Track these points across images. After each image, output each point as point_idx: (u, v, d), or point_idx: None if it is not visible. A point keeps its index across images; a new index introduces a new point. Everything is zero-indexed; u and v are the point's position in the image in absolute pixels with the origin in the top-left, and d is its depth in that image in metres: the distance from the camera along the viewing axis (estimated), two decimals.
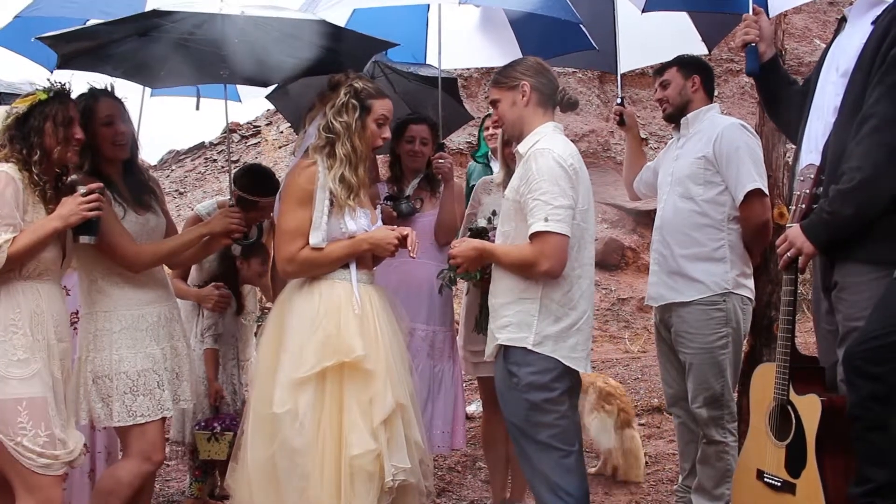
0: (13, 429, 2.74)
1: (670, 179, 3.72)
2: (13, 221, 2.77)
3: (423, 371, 3.88)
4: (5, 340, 2.77)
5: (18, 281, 2.82)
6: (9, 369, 2.76)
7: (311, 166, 3.02)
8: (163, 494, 4.49)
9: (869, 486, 2.53)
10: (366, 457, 2.88)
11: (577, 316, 3.00)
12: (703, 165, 3.59)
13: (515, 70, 3.10)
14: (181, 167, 12.83)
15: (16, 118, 2.83)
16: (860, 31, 2.80)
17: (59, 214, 2.84)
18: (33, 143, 2.83)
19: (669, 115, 3.83)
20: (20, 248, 2.76)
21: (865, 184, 2.61)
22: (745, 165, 3.53)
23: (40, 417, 2.78)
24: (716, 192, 3.58)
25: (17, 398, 2.75)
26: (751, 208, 3.55)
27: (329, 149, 3.03)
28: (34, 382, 2.79)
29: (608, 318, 8.74)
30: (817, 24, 12.78)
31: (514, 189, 3.03)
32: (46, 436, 2.78)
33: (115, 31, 3.10)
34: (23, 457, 2.74)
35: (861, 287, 2.69)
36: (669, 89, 3.78)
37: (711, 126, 3.65)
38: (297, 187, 3.02)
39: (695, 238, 3.60)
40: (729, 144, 3.55)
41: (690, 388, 3.63)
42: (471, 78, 11.29)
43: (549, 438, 2.98)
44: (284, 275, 3.11)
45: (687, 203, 3.62)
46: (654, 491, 4.48)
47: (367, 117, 3.07)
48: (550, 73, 3.14)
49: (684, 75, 3.75)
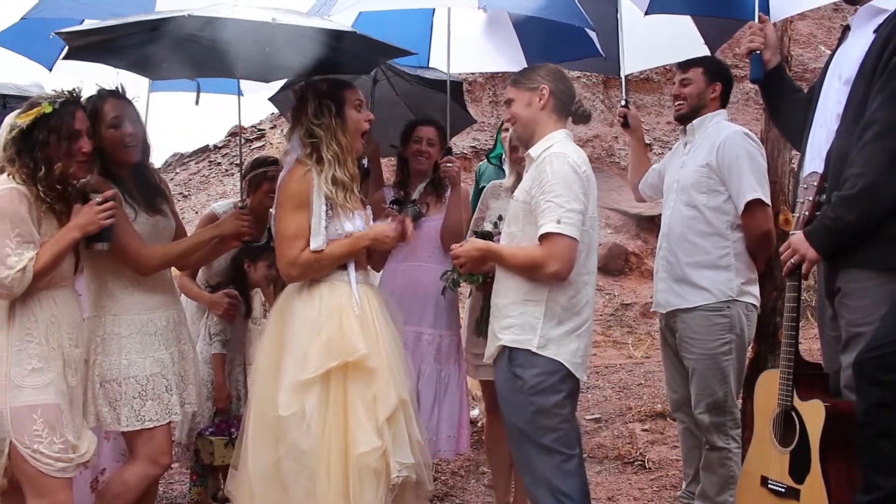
0: (29, 436, 2.75)
1: (676, 186, 3.72)
2: (32, 238, 2.78)
3: (429, 375, 3.88)
4: (21, 350, 2.78)
5: (34, 290, 2.81)
6: (24, 378, 2.77)
7: (304, 171, 3.05)
8: (166, 497, 4.49)
9: (876, 494, 2.52)
10: (372, 454, 2.90)
11: (580, 321, 3.01)
12: (707, 174, 3.60)
13: (537, 73, 3.12)
14: (185, 170, 12.85)
15: (21, 132, 2.81)
16: (863, 39, 2.82)
17: (76, 224, 2.85)
18: (38, 158, 2.80)
19: (682, 116, 3.82)
20: (43, 264, 2.78)
21: (867, 190, 2.62)
22: (746, 175, 3.53)
23: (55, 425, 2.79)
24: (720, 200, 3.59)
25: (32, 405, 2.77)
26: (752, 218, 3.56)
27: (316, 154, 3.06)
28: (49, 390, 2.81)
29: (612, 323, 8.74)
30: (822, 31, 12.78)
31: (524, 191, 3.04)
32: (61, 442, 2.80)
33: (132, 28, 3.08)
34: (41, 463, 2.76)
35: (864, 293, 2.70)
36: (690, 88, 3.76)
37: (716, 133, 3.65)
38: (293, 191, 3.04)
39: (700, 246, 3.60)
40: (731, 153, 3.55)
41: (693, 393, 3.64)
42: (475, 83, 11.31)
43: (551, 442, 2.98)
44: (288, 278, 3.12)
45: (691, 211, 3.63)
46: (657, 497, 4.48)
47: (344, 108, 3.11)
48: (570, 82, 3.17)
49: (708, 80, 3.74)
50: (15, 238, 2.74)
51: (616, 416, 5.80)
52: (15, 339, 2.78)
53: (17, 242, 2.74)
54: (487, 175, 5.11)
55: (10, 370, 2.75)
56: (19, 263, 2.73)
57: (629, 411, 5.86)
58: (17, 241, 2.74)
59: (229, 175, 12.06)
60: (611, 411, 5.92)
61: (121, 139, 3.15)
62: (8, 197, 2.76)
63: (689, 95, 3.76)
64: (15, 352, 2.77)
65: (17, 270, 2.72)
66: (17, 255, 2.73)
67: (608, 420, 5.73)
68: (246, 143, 12.50)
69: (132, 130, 3.19)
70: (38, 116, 2.81)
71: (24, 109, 2.86)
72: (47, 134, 2.81)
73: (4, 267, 2.71)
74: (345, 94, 3.14)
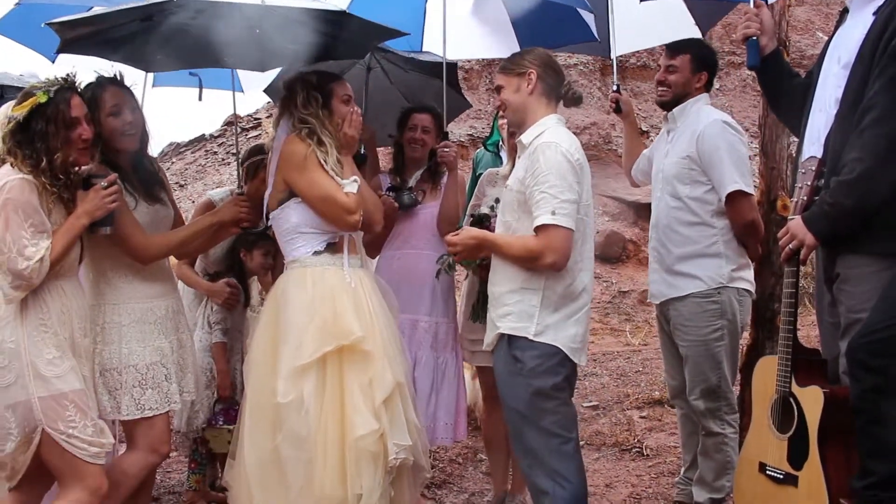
0: (63, 423, 2.76)
1: (661, 177, 3.72)
2: (45, 228, 2.78)
3: (426, 363, 3.88)
4: (38, 341, 2.78)
5: (44, 280, 2.80)
6: (46, 368, 2.77)
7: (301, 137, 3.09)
8: (164, 486, 4.49)
9: (871, 479, 2.53)
10: (370, 437, 2.91)
11: (577, 307, 3.02)
12: (688, 165, 3.59)
13: (524, 58, 3.11)
14: (182, 160, 12.81)
15: (17, 123, 2.78)
16: (861, 22, 2.79)
17: (84, 210, 2.85)
18: (38, 148, 2.78)
19: (665, 103, 3.80)
20: (58, 252, 2.78)
21: (866, 175, 2.61)
22: (726, 166, 3.51)
23: (85, 409, 2.82)
24: (702, 190, 3.58)
25: (61, 393, 2.77)
26: (735, 209, 3.55)
27: (316, 137, 3.09)
28: (71, 377, 2.82)
29: (609, 310, 8.75)
30: (820, 17, 12.76)
31: (518, 180, 3.03)
32: (93, 426, 2.82)
33: (122, 17, 3.07)
34: (76, 448, 2.77)
35: (863, 279, 2.69)
36: (675, 76, 3.72)
37: (696, 121, 3.63)
38: (303, 155, 3.06)
39: (687, 236, 3.60)
40: (710, 145, 3.53)
41: (688, 380, 3.66)
42: (472, 70, 11.28)
43: (550, 425, 2.98)
44: (355, 226, 3.12)
45: (676, 202, 3.63)
46: (655, 483, 4.48)
47: (332, 100, 3.15)
48: (558, 66, 3.16)
49: (694, 69, 3.71)
50: (29, 229, 2.73)
51: (614, 404, 5.81)
52: (31, 331, 2.78)
53: (32, 233, 2.74)
54: (484, 163, 5.09)
55: (31, 361, 2.75)
56: (37, 254, 2.73)
57: (627, 398, 5.87)
58: (32, 232, 2.74)
59: (225, 164, 12.03)
60: (608, 398, 5.93)
61: (120, 127, 3.14)
62: (18, 187, 2.74)
63: (673, 83, 3.73)
64: (32, 343, 2.77)
65: (36, 261, 2.72)
66: (33, 246, 2.73)
67: (606, 407, 5.74)
68: (242, 132, 12.47)
69: (131, 119, 3.17)
70: (33, 107, 2.78)
71: (18, 100, 2.83)
72: (45, 124, 2.79)
73: (23, 259, 2.71)
74: (333, 87, 3.17)
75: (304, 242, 3.13)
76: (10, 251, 2.70)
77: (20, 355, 2.75)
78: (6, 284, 2.75)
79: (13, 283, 2.74)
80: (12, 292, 2.76)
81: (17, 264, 2.70)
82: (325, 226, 3.11)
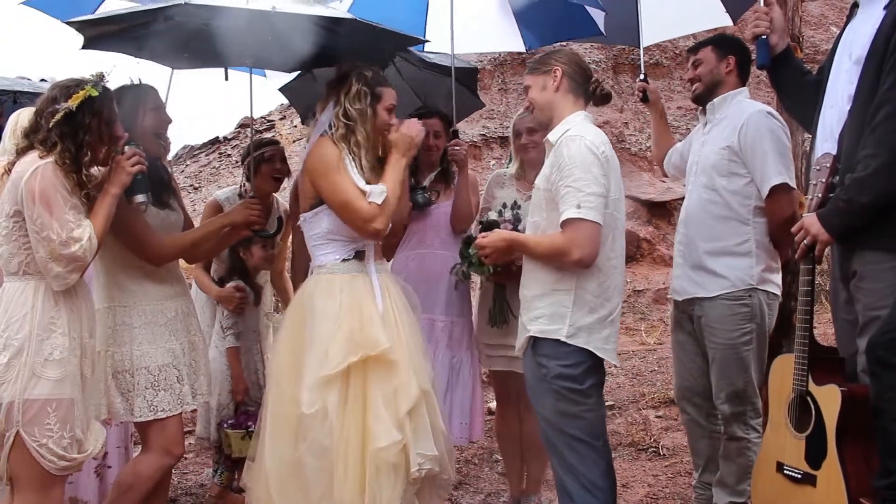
0: (40, 430, 2.73)
1: (696, 169, 3.60)
2: (81, 207, 2.78)
3: (441, 361, 3.87)
4: (45, 339, 2.76)
5: None
6: (44, 368, 2.75)
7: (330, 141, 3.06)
8: (181, 487, 4.51)
9: (892, 478, 2.51)
10: (391, 449, 2.88)
11: (611, 307, 2.97)
12: (728, 156, 3.45)
13: (551, 57, 3.10)
14: (195, 162, 12.85)
15: (65, 114, 2.75)
16: (872, 16, 2.77)
17: (111, 181, 2.86)
18: (83, 141, 2.77)
19: (698, 96, 3.69)
20: (101, 226, 2.80)
21: (881, 171, 2.59)
22: (770, 158, 3.38)
23: (67, 419, 2.78)
24: (741, 183, 3.44)
25: (48, 399, 2.75)
26: (776, 202, 3.41)
27: (353, 137, 3.06)
28: (65, 384, 2.79)
29: (624, 309, 8.67)
30: (834, 12, 12.66)
31: (545, 178, 2.99)
32: (69, 437, 2.79)
33: (142, 17, 3.08)
34: (44, 459, 2.73)
35: (881, 275, 2.67)
36: (701, 68, 3.63)
37: (738, 112, 3.51)
38: (330, 159, 3.03)
39: (718, 231, 3.47)
40: (754, 135, 3.40)
41: (714, 383, 3.53)
42: (484, 70, 11.25)
43: (576, 430, 2.95)
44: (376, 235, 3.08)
45: (711, 194, 3.49)
46: (671, 483, 4.46)
47: (378, 105, 3.11)
48: (586, 64, 3.14)
49: (719, 55, 3.60)
50: (70, 211, 2.72)
51: (629, 403, 5.79)
52: (39, 329, 2.76)
53: (74, 214, 2.73)
54: None
55: (30, 360, 2.74)
56: (84, 233, 2.72)
57: (642, 398, 5.84)
58: (73, 214, 2.73)
59: (239, 167, 12.00)
60: (624, 398, 5.91)
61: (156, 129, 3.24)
62: (52, 170, 2.72)
63: (702, 75, 3.63)
64: (38, 341, 2.75)
65: (86, 240, 2.72)
66: (78, 227, 2.72)
67: (622, 407, 5.72)
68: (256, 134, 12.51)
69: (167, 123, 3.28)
70: (84, 99, 2.77)
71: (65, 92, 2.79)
72: (92, 117, 2.79)
73: (73, 240, 2.70)
74: (383, 91, 3.13)
75: (333, 249, 3.10)
76: (60, 237, 2.68)
77: (21, 354, 2.74)
78: (63, 270, 2.72)
79: (68, 268, 2.72)
80: (69, 276, 2.74)
81: (70, 248, 2.70)
82: (354, 233, 3.07)
